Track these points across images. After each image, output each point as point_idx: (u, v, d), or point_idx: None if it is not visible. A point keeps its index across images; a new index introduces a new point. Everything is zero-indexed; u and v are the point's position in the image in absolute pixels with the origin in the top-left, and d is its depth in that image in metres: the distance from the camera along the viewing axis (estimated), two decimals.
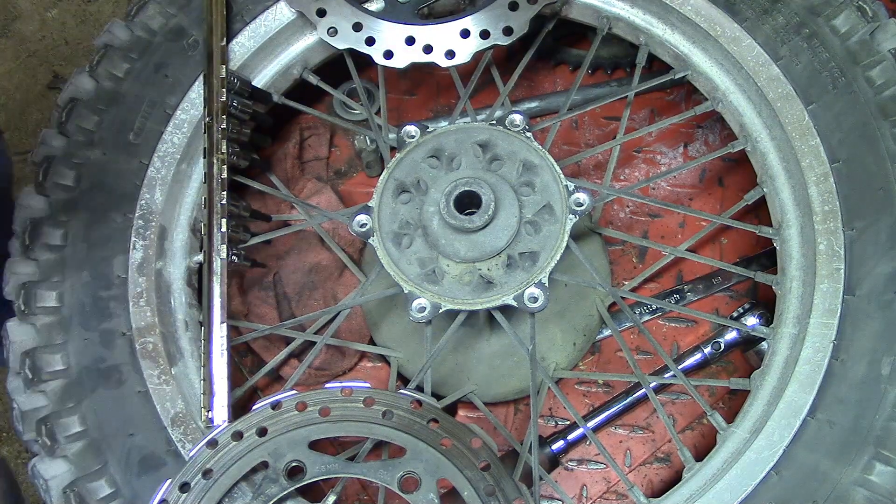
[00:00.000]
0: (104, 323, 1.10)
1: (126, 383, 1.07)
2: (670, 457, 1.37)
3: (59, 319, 1.10)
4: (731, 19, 1.17)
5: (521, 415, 1.39)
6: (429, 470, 0.95)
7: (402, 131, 1.13)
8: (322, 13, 1.20)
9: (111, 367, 1.07)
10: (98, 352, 1.08)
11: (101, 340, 1.09)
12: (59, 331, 1.09)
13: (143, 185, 1.17)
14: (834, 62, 1.12)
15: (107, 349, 1.08)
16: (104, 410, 1.05)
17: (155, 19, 1.24)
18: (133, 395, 1.06)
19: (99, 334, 1.10)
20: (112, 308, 1.11)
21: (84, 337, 1.09)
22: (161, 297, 1.14)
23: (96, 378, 1.07)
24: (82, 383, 1.06)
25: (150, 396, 1.06)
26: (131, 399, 1.06)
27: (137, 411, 1.06)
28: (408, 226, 1.08)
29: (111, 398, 1.06)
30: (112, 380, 1.07)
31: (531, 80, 1.62)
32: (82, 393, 1.06)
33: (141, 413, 1.06)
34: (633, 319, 1.24)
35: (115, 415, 1.05)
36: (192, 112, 1.20)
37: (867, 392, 0.99)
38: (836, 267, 1.05)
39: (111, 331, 1.10)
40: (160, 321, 1.11)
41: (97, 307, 1.11)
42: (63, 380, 1.06)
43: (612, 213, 1.52)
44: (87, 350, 1.08)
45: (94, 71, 1.21)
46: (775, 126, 1.15)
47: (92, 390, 1.06)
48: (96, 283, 1.12)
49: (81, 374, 1.07)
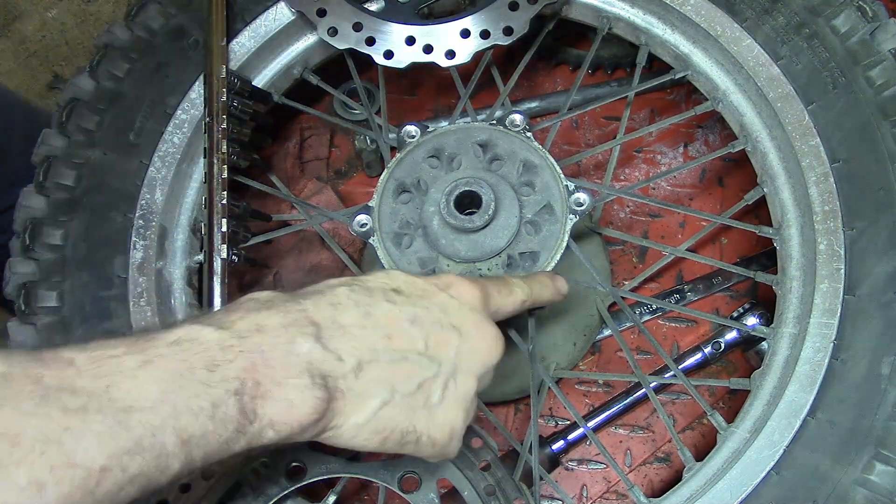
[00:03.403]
0: (105, 323, 1.10)
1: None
2: (670, 457, 1.37)
3: (60, 319, 1.10)
4: (732, 19, 1.17)
5: (522, 415, 1.39)
6: (429, 470, 0.95)
7: (403, 131, 1.13)
8: (322, 13, 1.20)
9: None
10: None
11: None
12: (59, 331, 1.09)
13: (143, 185, 1.17)
14: (834, 62, 1.12)
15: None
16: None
17: (155, 19, 1.24)
18: None
19: (99, 334, 1.09)
20: (112, 308, 1.11)
21: (84, 337, 1.09)
22: (161, 297, 1.14)
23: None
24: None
25: None
26: None
27: None
28: (408, 226, 1.08)
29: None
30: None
31: (531, 80, 1.63)
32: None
33: None
34: (634, 319, 1.24)
35: None
36: (193, 112, 1.20)
37: (867, 392, 0.99)
38: (837, 267, 1.05)
39: (111, 331, 1.09)
40: (160, 321, 1.11)
41: (97, 307, 1.11)
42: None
43: (612, 213, 1.52)
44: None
45: (95, 71, 1.21)
46: (775, 126, 1.15)
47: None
48: (97, 283, 1.12)
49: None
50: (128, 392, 0.62)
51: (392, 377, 0.76)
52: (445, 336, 0.80)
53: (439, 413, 0.79)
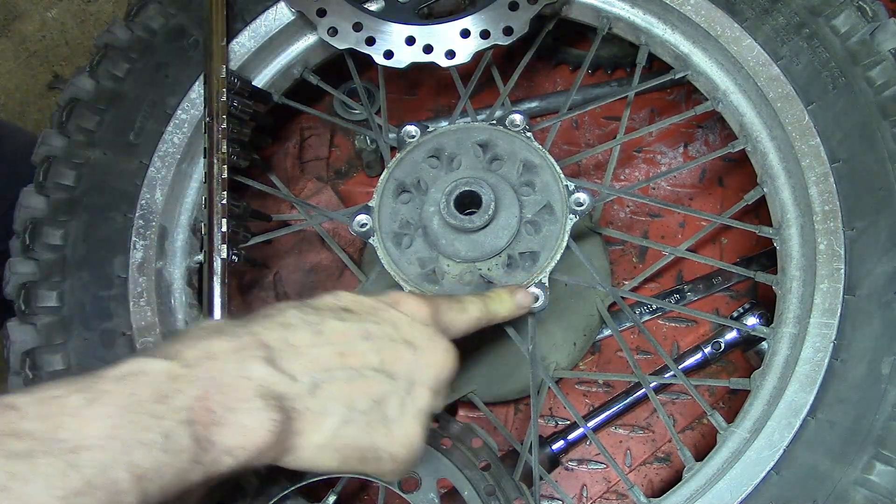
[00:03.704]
0: (105, 323, 1.10)
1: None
2: (670, 457, 1.37)
3: (60, 319, 1.10)
4: (732, 19, 1.17)
5: (522, 415, 1.39)
6: (429, 470, 0.95)
7: (403, 131, 1.13)
8: (322, 13, 1.20)
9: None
10: (99, 352, 1.08)
11: (101, 340, 1.09)
12: (59, 331, 1.09)
13: (143, 185, 1.17)
14: (834, 62, 1.12)
15: (107, 349, 1.08)
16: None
17: (155, 19, 1.24)
18: None
19: (99, 334, 1.10)
20: (112, 308, 1.11)
21: (84, 337, 1.09)
22: (161, 297, 1.14)
23: None
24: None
25: None
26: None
27: None
28: (408, 226, 1.08)
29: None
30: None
31: (531, 80, 1.63)
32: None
33: None
34: (634, 319, 1.24)
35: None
36: (193, 112, 1.20)
37: (867, 392, 0.99)
38: (837, 267, 1.05)
39: (112, 331, 1.09)
40: (160, 321, 1.11)
41: (97, 307, 1.11)
42: (62, 378, 1.06)
43: (612, 213, 1.52)
44: (87, 350, 1.08)
45: (95, 71, 1.21)
46: (775, 126, 1.15)
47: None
48: (96, 283, 1.12)
49: (80, 373, 1.06)
50: (75, 431, 0.60)
51: (349, 394, 0.75)
52: (399, 351, 0.79)
53: (397, 428, 0.78)
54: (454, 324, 0.89)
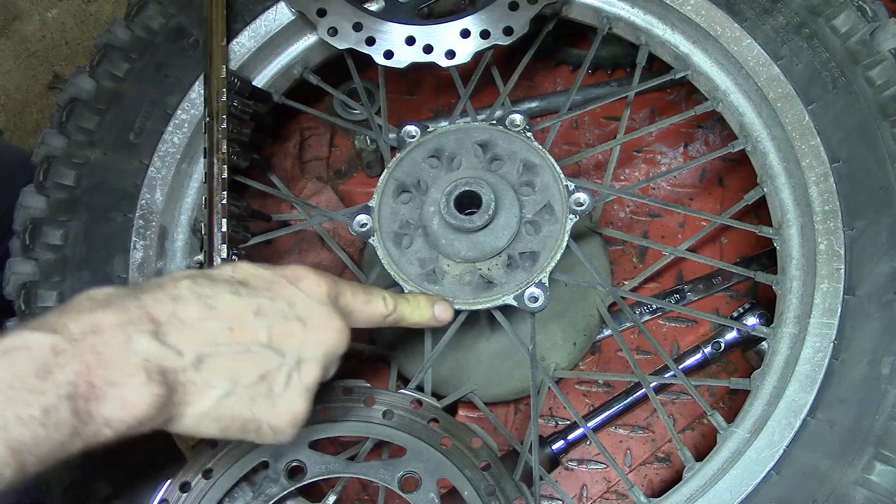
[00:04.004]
0: None
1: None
2: (670, 457, 1.37)
3: None
4: (732, 19, 1.17)
5: (522, 415, 1.39)
6: (429, 470, 0.95)
7: (403, 131, 1.13)
8: (322, 13, 1.20)
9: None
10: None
11: None
12: None
13: (143, 185, 1.17)
14: (834, 62, 1.12)
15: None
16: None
17: (155, 19, 1.24)
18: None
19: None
20: None
21: None
22: None
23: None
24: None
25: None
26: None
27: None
28: (408, 226, 1.08)
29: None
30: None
31: (531, 80, 1.63)
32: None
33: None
34: (634, 319, 1.24)
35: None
36: (193, 112, 1.20)
37: (867, 392, 0.99)
38: (837, 267, 1.05)
39: None
40: None
41: None
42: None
43: (612, 213, 1.52)
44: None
45: (95, 71, 1.21)
46: (775, 126, 1.15)
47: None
48: (97, 283, 1.11)
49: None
50: None
51: (234, 369, 0.77)
52: (290, 328, 0.81)
53: (281, 402, 0.81)
54: (355, 313, 0.91)
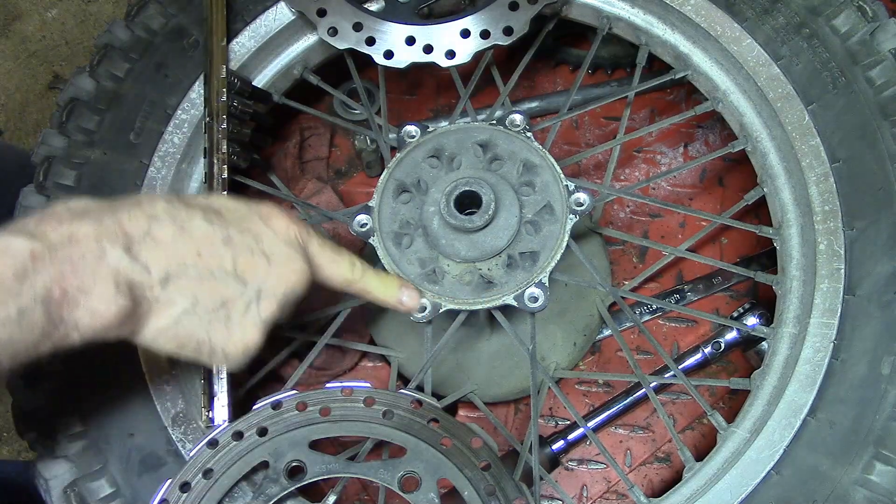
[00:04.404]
0: None
1: (127, 383, 1.07)
2: (670, 456, 1.37)
3: None
4: (732, 19, 1.17)
5: (522, 415, 1.39)
6: (429, 470, 0.95)
7: (403, 131, 1.13)
8: (322, 13, 1.20)
9: (112, 367, 1.07)
10: (98, 351, 1.08)
11: (101, 342, 1.09)
12: None
13: (143, 185, 1.17)
14: (834, 62, 1.12)
15: (107, 349, 1.08)
16: (104, 410, 1.05)
17: (155, 19, 1.24)
18: (133, 394, 1.06)
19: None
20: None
21: None
22: None
23: (97, 378, 1.06)
24: (83, 383, 1.06)
25: (150, 396, 1.06)
26: (132, 399, 1.06)
27: (138, 411, 1.06)
28: (408, 225, 1.08)
29: (111, 398, 1.06)
30: (112, 379, 1.07)
31: (531, 80, 1.63)
32: (83, 392, 1.06)
33: (141, 413, 1.06)
34: (634, 319, 1.24)
35: (116, 414, 1.05)
36: (193, 112, 1.20)
37: (867, 392, 0.99)
38: (837, 267, 1.05)
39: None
40: None
41: None
42: (64, 379, 1.06)
43: (612, 213, 1.52)
44: (87, 350, 1.08)
45: (95, 71, 1.21)
46: (775, 126, 1.15)
47: (92, 390, 1.06)
48: None
49: (82, 374, 1.07)
50: None
51: (197, 291, 0.82)
52: (255, 261, 0.85)
53: (237, 330, 0.85)
54: (322, 266, 0.95)
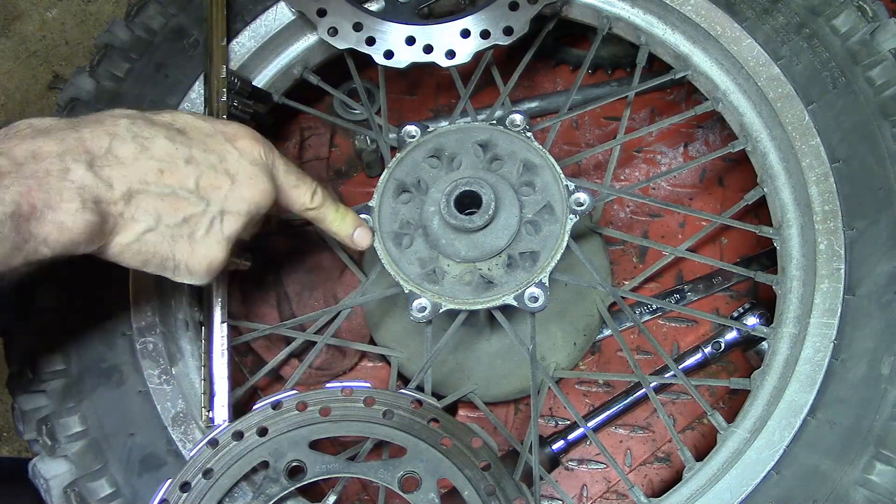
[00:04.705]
0: (104, 323, 1.10)
1: (126, 383, 1.07)
2: (670, 456, 1.37)
3: (59, 319, 1.10)
4: (732, 19, 1.17)
5: (522, 415, 1.39)
6: (429, 469, 0.95)
7: (403, 131, 1.13)
8: (322, 13, 1.20)
9: (112, 367, 1.07)
10: (98, 351, 1.08)
11: (101, 340, 1.09)
12: (59, 330, 1.09)
13: None
14: (834, 62, 1.12)
15: (107, 349, 1.08)
16: (105, 410, 1.05)
17: (155, 19, 1.24)
18: (133, 394, 1.06)
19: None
20: (112, 308, 1.11)
21: (84, 337, 1.09)
22: (162, 297, 1.14)
23: (97, 378, 1.07)
24: (83, 383, 1.06)
25: (150, 396, 1.06)
26: (132, 399, 1.06)
27: (138, 411, 1.06)
28: (408, 225, 1.08)
29: (112, 398, 1.06)
30: (112, 379, 1.07)
31: (531, 80, 1.63)
32: (83, 393, 1.06)
33: (141, 413, 1.06)
34: (634, 319, 1.24)
35: (116, 414, 1.05)
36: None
37: (867, 392, 0.99)
38: (837, 267, 1.05)
39: (112, 330, 1.09)
40: (161, 321, 1.11)
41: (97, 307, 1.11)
42: (63, 379, 1.06)
43: (612, 213, 1.52)
44: (87, 350, 1.08)
45: (95, 71, 1.21)
46: (775, 126, 1.15)
47: (92, 390, 1.06)
48: (96, 283, 1.12)
49: (82, 374, 1.07)
50: None
51: (159, 208, 0.84)
52: (218, 179, 0.87)
53: (200, 247, 0.88)
54: (281, 187, 0.97)
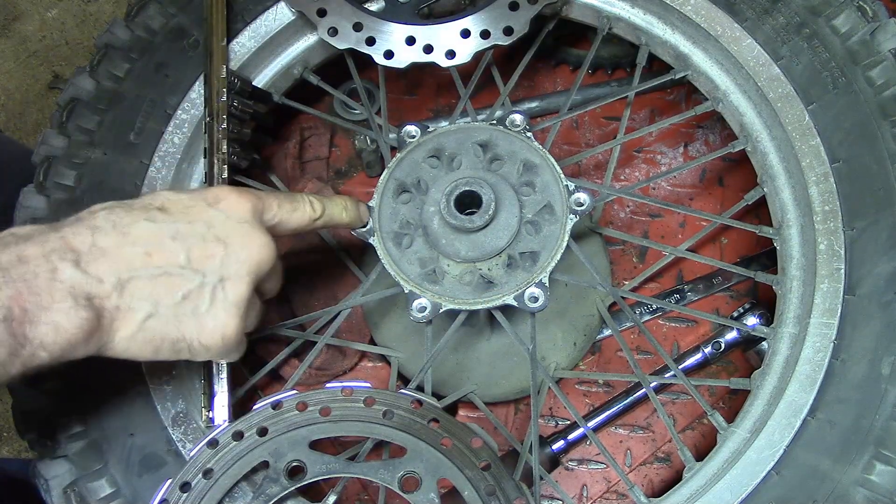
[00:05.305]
0: None
1: (126, 383, 1.07)
2: (670, 456, 1.37)
3: None
4: (732, 19, 1.17)
5: (522, 415, 1.39)
6: (429, 470, 0.95)
7: (403, 131, 1.13)
8: (322, 13, 1.20)
9: (112, 367, 1.07)
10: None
11: None
12: None
13: (143, 185, 1.17)
14: (834, 62, 1.12)
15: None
16: (104, 410, 1.05)
17: (155, 19, 1.24)
18: (133, 394, 1.06)
19: None
20: None
21: None
22: None
23: (97, 378, 1.07)
24: (83, 383, 1.06)
25: (150, 396, 1.06)
26: (132, 399, 1.06)
27: (138, 411, 1.06)
28: (408, 225, 1.08)
29: (111, 398, 1.06)
30: (112, 380, 1.07)
31: (531, 80, 1.62)
32: (83, 393, 1.06)
33: (141, 413, 1.06)
34: (634, 319, 1.24)
35: (116, 415, 1.05)
36: (193, 112, 1.20)
37: (867, 392, 0.99)
38: (837, 267, 1.05)
39: None
40: None
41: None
42: (64, 379, 1.06)
43: (612, 213, 1.52)
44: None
45: (95, 71, 1.21)
46: (775, 126, 1.15)
47: (92, 390, 1.06)
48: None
49: (82, 374, 1.07)
50: None
51: (154, 291, 0.83)
52: (209, 248, 0.86)
53: (209, 320, 0.86)
54: (286, 221, 0.95)
